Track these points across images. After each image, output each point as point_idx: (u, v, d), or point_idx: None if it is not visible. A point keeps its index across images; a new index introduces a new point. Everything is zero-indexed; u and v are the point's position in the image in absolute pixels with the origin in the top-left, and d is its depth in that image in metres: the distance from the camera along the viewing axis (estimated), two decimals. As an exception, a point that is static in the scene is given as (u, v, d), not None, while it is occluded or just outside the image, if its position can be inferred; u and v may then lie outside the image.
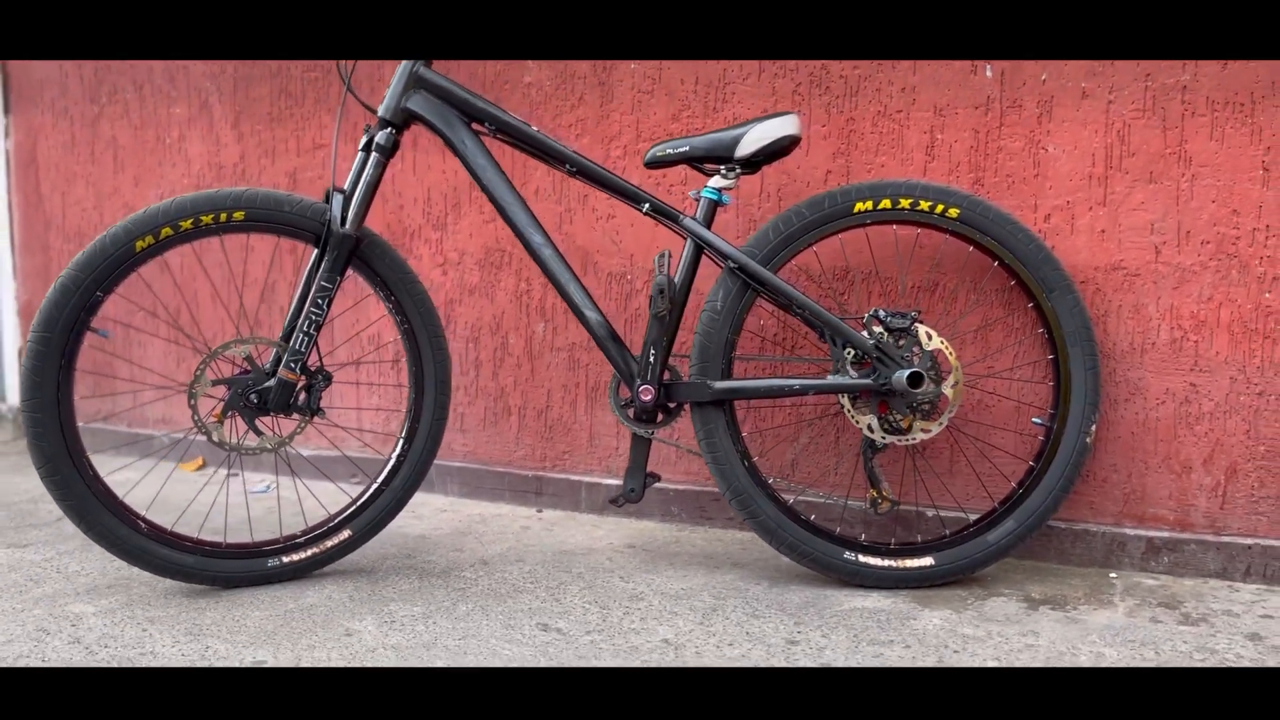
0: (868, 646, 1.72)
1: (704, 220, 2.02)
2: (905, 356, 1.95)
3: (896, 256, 2.18)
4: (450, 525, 2.50)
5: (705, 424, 2.01)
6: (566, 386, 2.59)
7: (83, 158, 3.28)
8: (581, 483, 2.57)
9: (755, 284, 1.99)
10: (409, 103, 2.03)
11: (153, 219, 1.91)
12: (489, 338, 2.67)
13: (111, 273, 1.90)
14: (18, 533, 2.49)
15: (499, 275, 2.64)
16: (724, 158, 2.00)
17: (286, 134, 2.91)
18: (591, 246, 2.51)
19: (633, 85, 2.43)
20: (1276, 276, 1.91)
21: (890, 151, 2.19)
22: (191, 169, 3.08)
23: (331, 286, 2.00)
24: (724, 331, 2.01)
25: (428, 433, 2.17)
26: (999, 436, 2.14)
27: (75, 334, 1.90)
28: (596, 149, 2.49)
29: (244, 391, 1.99)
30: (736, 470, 2.00)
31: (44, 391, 1.88)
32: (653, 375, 2.00)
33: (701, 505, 2.43)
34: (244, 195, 1.96)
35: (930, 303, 2.17)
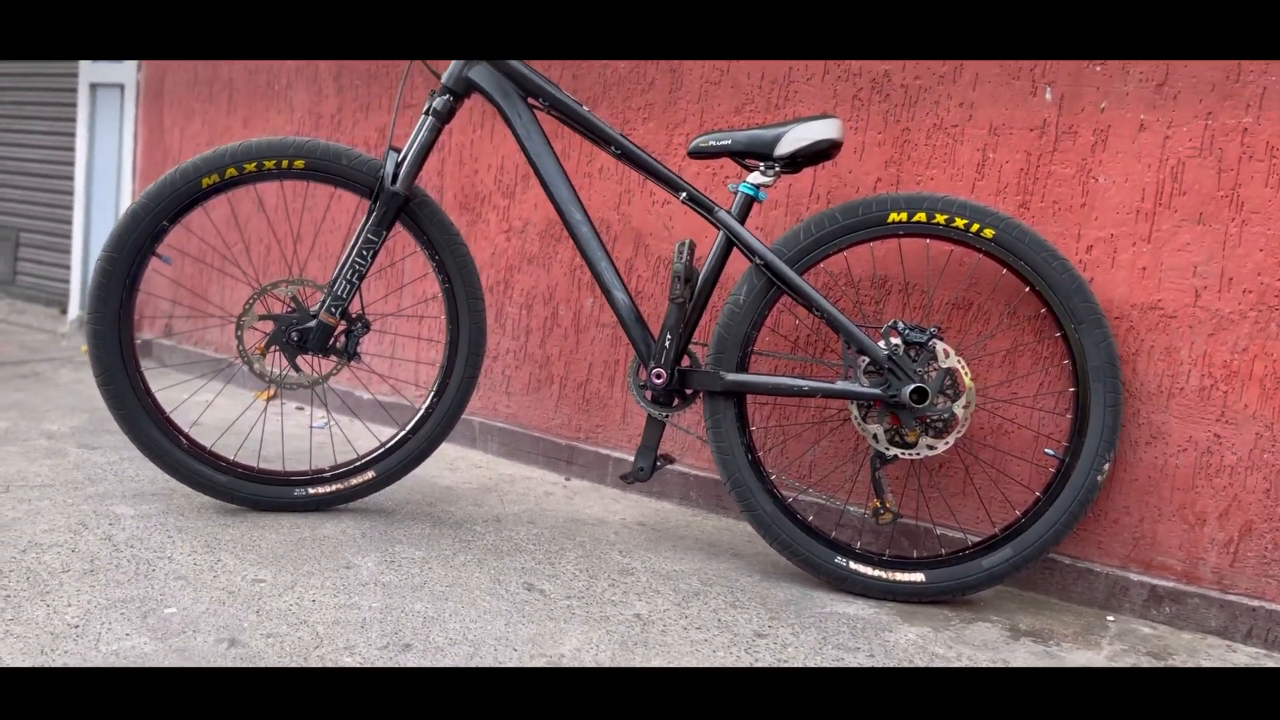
0: (832, 650, 1.74)
1: (738, 214, 2.06)
2: (919, 371, 1.94)
3: (928, 270, 2.17)
4: (479, 481, 2.61)
5: (714, 413, 2.05)
6: (607, 362, 2.65)
7: (202, 96, 3.50)
8: (610, 457, 2.64)
9: (779, 282, 2.02)
10: (470, 73, 2.12)
11: (219, 159, 2.05)
12: (541, 307, 2.76)
13: (178, 205, 2.05)
14: (93, 435, 2.71)
15: (557, 248, 2.72)
16: (764, 155, 2.02)
17: (381, 91, 3.05)
18: (645, 229, 2.57)
19: (701, 75, 2.47)
20: (1319, 335, 1.83)
21: (941, 165, 2.17)
22: (294, 116, 3.26)
23: (377, 240, 2.11)
24: (743, 326, 2.04)
25: (456, 390, 2.26)
26: (1014, 464, 2.11)
27: (140, 257, 2.06)
28: (660, 134, 2.54)
29: (286, 329, 2.12)
30: (739, 462, 2.04)
31: (108, 307, 2.05)
32: (666, 359, 2.05)
33: (719, 494, 2.47)
34: (305, 145, 2.09)
35: (962, 321, 2.15)
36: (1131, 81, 1.96)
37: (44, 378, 3.33)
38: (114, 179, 3.77)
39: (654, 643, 1.71)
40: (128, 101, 3.69)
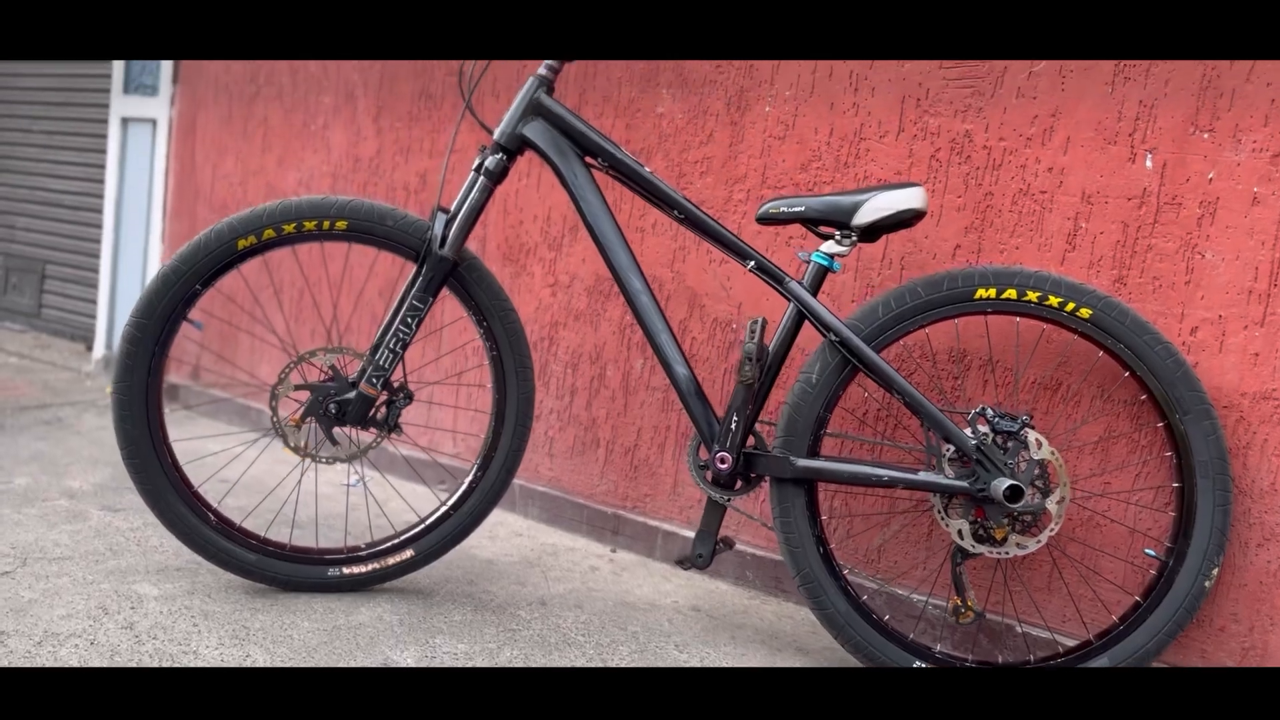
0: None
1: (811, 286, 1.91)
2: (1009, 463, 1.79)
3: (1016, 350, 2.01)
4: (521, 553, 2.46)
5: (782, 501, 1.90)
6: (657, 428, 2.50)
7: (236, 133, 3.39)
8: (659, 529, 2.49)
9: (855, 360, 1.86)
10: (525, 129, 1.99)
11: (257, 220, 1.93)
12: (588, 366, 2.62)
13: (212, 268, 1.92)
14: (115, 494, 2.58)
15: (605, 305, 2.58)
16: (840, 223, 1.88)
17: (422, 134, 2.92)
18: (701, 289, 2.42)
19: (764, 129, 2.33)
20: None
21: (1028, 234, 2.02)
22: (331, 157, 3.14)
23: (423, 307, 1.97)
24: (816, 406, 1.89)
25: (502, 463, 2.12)
26: (1106, 562, 1.94)
27: (171, 323, 1.93)
28: (720, 189, 2.39)
29: (324, 399, 1.99)
30: (809, 555, 1.88)
31: (135, 376, 1.92)
32: (733, 443, 1.90)
33: (778, 576, 2.31)
34: (348, 205, 1.96)
35: (1050, 403, 2.00)
36: (1244, 151, 1.80)
37: (67, 424, 3.21)
38: (143, 215, 3.66)
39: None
40: (159, 137, 3.58)
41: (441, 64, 2.87)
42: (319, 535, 2.36)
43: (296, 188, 3.22)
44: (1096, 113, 1.94)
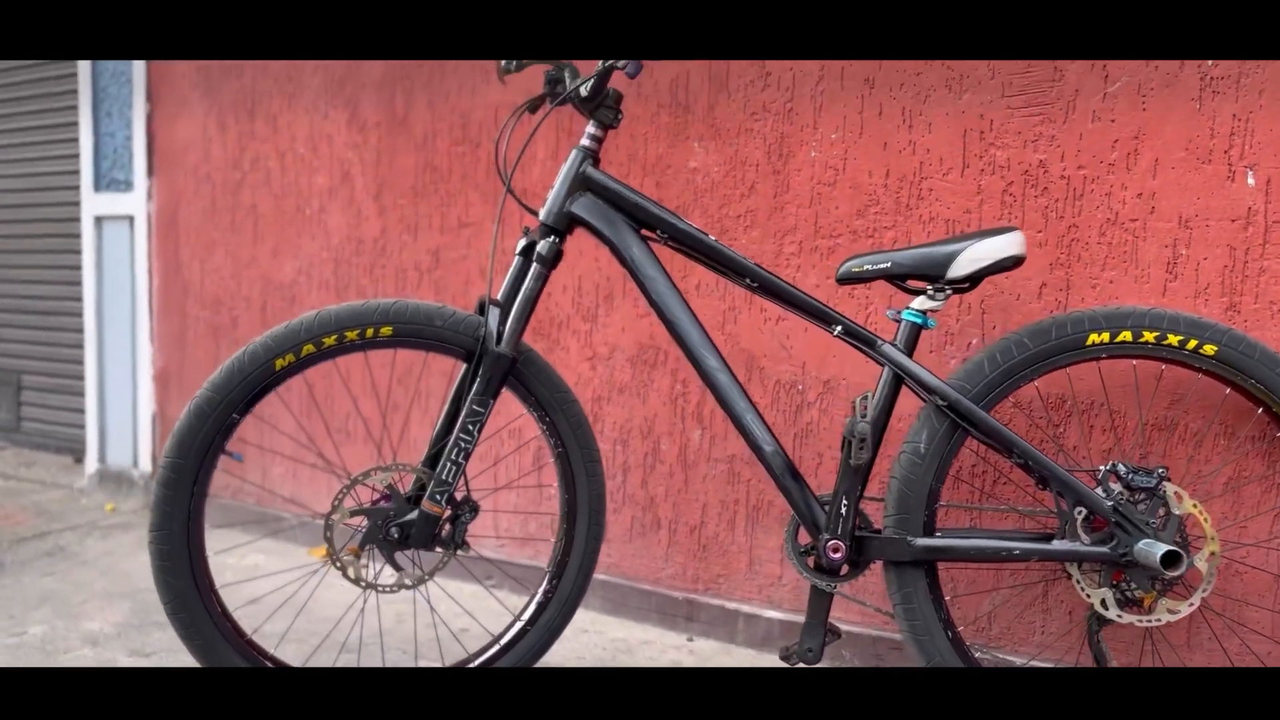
0: None
1: (905, 346, 1.75)
2: (1150, 522, 1.64)
3: (1137, 396, 1.86)
4: (593, 653, 2.27)
5: (902, 587, 1.73)
6: (724, 502, 2.34)
7: (223, 225, 3.19)
8: (739, 612, 2.32)
9: (965, 424, 1.71)
10: (573, 206, 1.83)
11: (294, 335, 1.74)
12: (639, 441, 2.44)
13: (249, 394, 1.74)
14: (141, 633, 2.36)
15: (652, 374, 2.41)
16: (933, 276, 1.73)
17: (430, 209, 2.75)
18: (758, 350, 2.27)
19: (811, 176, 2.18)
20: None
21: (1121, 266, 1.88)
22: (330, 241, 2.95)
23: (484, 410, 1.79)
24: (927, 479, 1.73)
25: (579, 567, 1.95)
26: (1250, 613, 1.80)
27: (209, 460, 1.74)
28: (768, 243, 2.24)
29: (383, 523, 1.80)
30: (939, 643, 1.72)
31: (174, 522, 1.72)
32: (844, 530, 1.74)
33: (878, 653, 2.15)
34: (392, 309, 1.78)
35: (1168, 445, 1.85)
36: (1357, 160, 1.68)
37: (71, 554, 2.98)
38: (127, 317, 3.45)
39: None
40: (138, 234, 3.38)
41: (445, 135, 2.70)
42: (384, 663, 2.16)
43: (295, 277, 3.03)
44: (1185, 131, 1.82)
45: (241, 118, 3.11)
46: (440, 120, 2.71)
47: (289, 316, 3.06)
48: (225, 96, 3.15)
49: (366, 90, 2.84)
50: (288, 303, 3.06)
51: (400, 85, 2.77)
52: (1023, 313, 1.98)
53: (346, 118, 2.88)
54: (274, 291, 3.09)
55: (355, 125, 2.87)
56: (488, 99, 2.62)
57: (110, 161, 3.46)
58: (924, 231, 2.07)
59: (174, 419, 3.34)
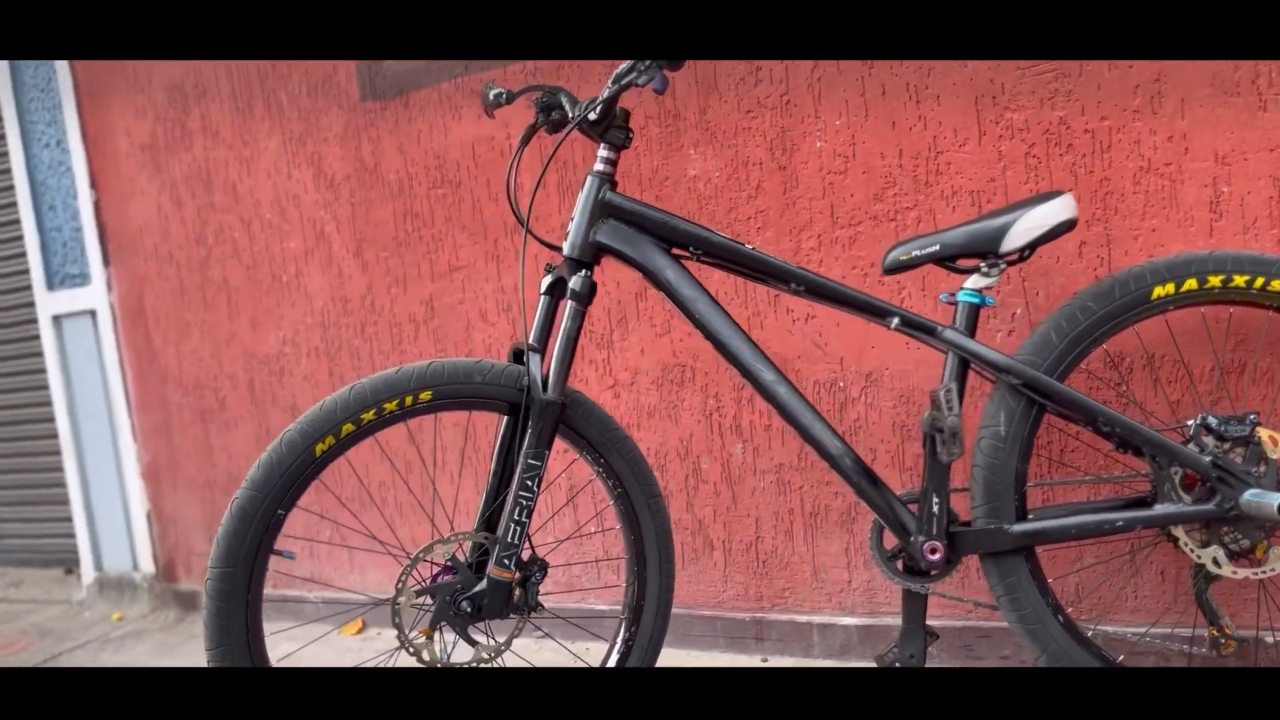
0: None
1: (966, 328, 1.69)
2: (1252, 472, 1.58)
3: (1205, 342, 1.81)
4: (671, 692, 2.17)
5: (1004, 577, 1.66)
6: (778, 514, 2.25)
7: (194, 304, 3.04)
8: (811, 624, 2.23)
9: (1044, 399, 1.64)
10: (598, 236, 1.73)
11: (330, 417, 1.62)
12: (677, 464, 2.35)
13: (291, 486, 1.61)
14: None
15: (682, 393, 2.32)
16: (986, 252, 1.66)
17: (417, 258, 2.63)
18: (790, 353, 2.19)
19: (820, 166, 2.11)
20: None
21: (1162, 213, 1.83)
22: (314, 306, 2.82)
23: (540, 464, 1.69)
24: (1012, 461, 1.66)
25: (655, 609, 1.85)
26: (1352, 541, 1.75)
27: (260, 562, 1.61)
28: (784, 241, 2.17)
29: (453, 598, 1.69)
30: (1050, 629, 1.65)
31: (232, 635, 1.60)
32: (939, 529, 1.66)
33: (967, 643, 2.08)
34: (428, 372, 1.67)
35: (1238, 387, 1.81)
36: (1392, 71, 1.64)
37: (88, 673, 2.81)
38: (104, 416, 3.28)
39: None
40: (103, 328, 3.21)
41: (421, 179, 2.59)
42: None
43: (281, 347, 2.89)
44: (1208, 65, 1.77)
45: (198, 191, 2.97)
46: (414, 164, 2.60)
47: (279, 391, 2.92)
48: (176, 171, 3.00)
49: (329, 144, 2.72)
50: (276, 376, 2.92)
51: (366, 134, 2.65)
52: (1065, 275, 1.92)
53: (312, 175, 2.76)
54: (259, 366, 2.95)
55: (323, 181, 2.74)
56: (462, 136, 2.52)
57: (61, 257, 3.29)
58: (948, 207, 2.01)
59: (170, 514, 3.19)
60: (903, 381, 2.09)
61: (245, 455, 3.03)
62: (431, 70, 2.54)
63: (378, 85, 2.62)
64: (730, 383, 2.26)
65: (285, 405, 2.93)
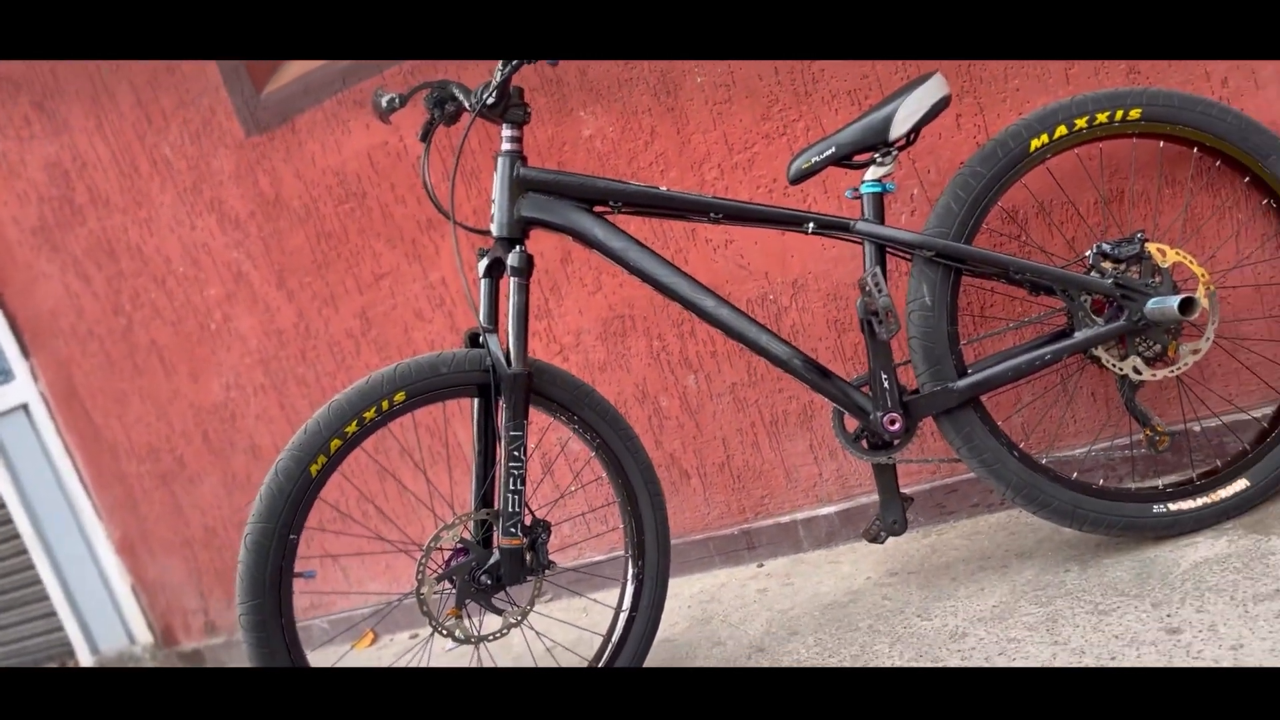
0: (1259, 606, 1.54)
1: (875, 217, 1.83)
2: (1149, 283, 1.76)
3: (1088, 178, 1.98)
4: (685, 616, 2.32)
5: (960, 429, 1.83)
6: (741, 430, 2.39)
7: (126, 373, 3.05)
8: (795, 521, 2.39)
9: (957, 263, 1.80)
10: (522, 210, 1.82)
11: (316, 437, 1.70)
12: (637, 408, 2.48)
13: (296, 509, 1.70)
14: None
15: (626, 342, 2.44)
16: (877, 144, 1.80)
17: (340, 275, 2.69)
18: (718, 279, 2.31)
19: (706, 99, 2.22)
20: None
21: (1021, 71, 1.99)
22: (249, 345, 2.86)
23: (522, 433, 1.79)
24: (942, 325, 1.81)
25: (656, 539, 1.98)
26: (1246, 327, 1.96)
27: (284, 589, 1.70)
28: (688, 177, 2.28)
29: (472, 576, 1.79)
30: (1010, 466, 1.82)
31: (275, 659, 1.68)
32: (894, 401, 1.82)
33: (938, 501, 2.25)
34: (397, 374, 1.76)
35: (1122, 212, 1.99)
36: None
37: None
38: (62, 504, 3.27)
39: (1102, 700, 1.48)
40: (39, 418, 3.20)
41: (326, 198, 2.64)
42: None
43: (226, 394, 2.93)
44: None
45: (103, 262, 2.97)
46: (315, 186, 2.64)
47: (235, 435, 2.96)
48: (75, 248, 2.99)
49: (225, 185, 2.74)
50: (228, 421, 2.96)
51: (260, 167, 2.69)
52: (950, 148, 2.08)
53: (216, 220, 2.78)
54: (209, 416, 2.98)
55: (229, 223, 2.77)
56: (355, 148, 2.57)
57: (-22, 359, 3.25)
58: (831, 110, 2.14)
59: (154, 581, 3.22)
60: (826, 281, 2.23)
61: (217, 506, 3.07)
62: (310, 90, 2.58)
63: (260, 117, 2.65)
64: (670, 320, 2.38)
65: (245, 448, 2.97)
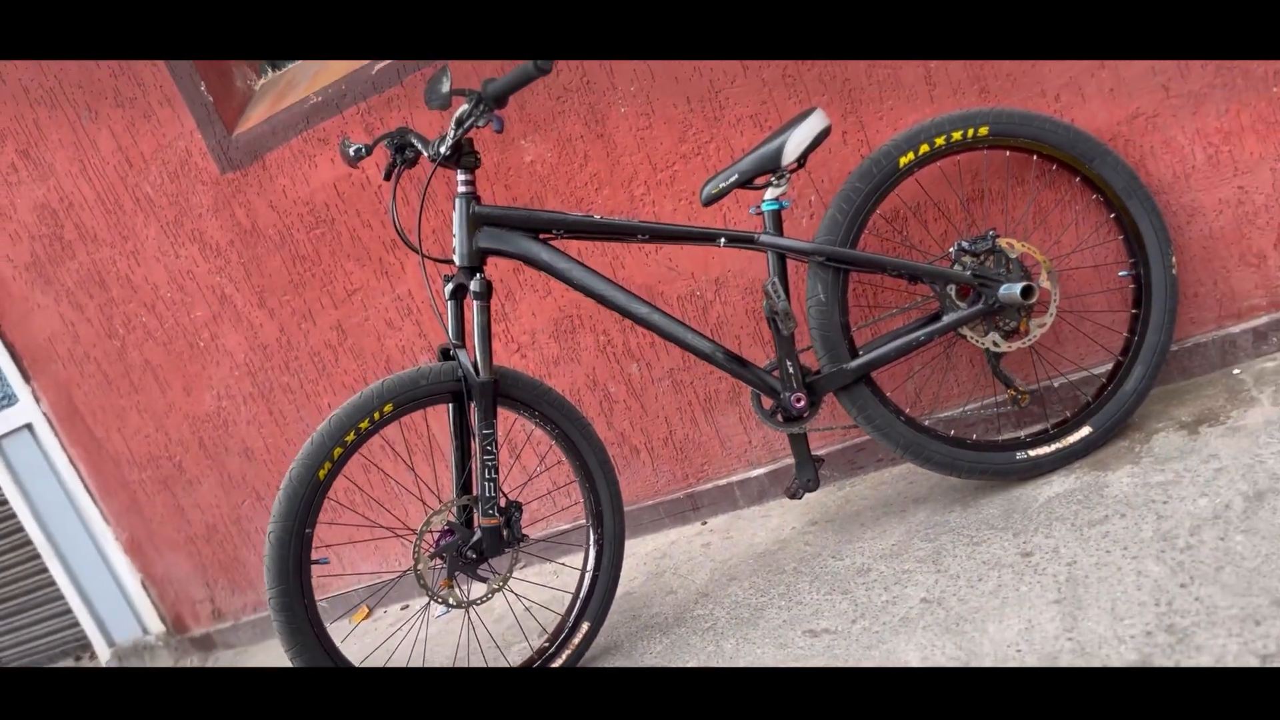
0: (1091, 530, 1.95)
1: (774, 230, 2.19)
2: (1001, 272, 2.14)
3: (949, 186, 2.36)
4: (641, 571, 2.70)
5: (855, 401, 2.21)
6: (680, 408, 2.76)
7: (124, 390, 3.35)
8: (731, 483, 2.77)
9: (845, 265, 2.17)
10: (480, 242, 2.16)
11: (321, 447, 2.04)
12: (589, 394, 2.83)
13: (309, 508, 2.03)
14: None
15: (576, 338, 2.79)
16: (773, 168, 2.15)
17: (316, 293, 3.01)
18: (651, 280, 2.67)
19: (630, 126, 2.56)
20: (1275, 71, 2.12)
21: (894, 94, 2.35)
22: (237, 359, 3.17)
23: (493, 430, 2.14)
24: (835, 317, 2.19)
25: (612, 508, 2.35)
26: (1089, 300, 2.35)
27: (304, 574, 2.04)
28: (619, 194, 2.63)
29: (459, 552, 2.15)
30: (898, 429, 2.20)
31: (304, 636, 2.03)
32: (798, 383, 2.19)
33: (849, 458, 2.64)
34: (384, 389, 2.09)
35: (982, 210, 2.36)
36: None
37: None
38: (73, 515, 3.57)
39: (967, 614, 1.87)
40: (43, 436, 3.49)
41: (298, 225, 2.95)
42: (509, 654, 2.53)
43: (218, 403, 3.24)
44: (894, -23, 2.27)
45: (94, 291, 3.25)
46: (288, 215, 2.95)
47: (229, 441, 3.28)
48: (67, 280, 3.27)
49: (205, 218, 3.04)
50: (222, 428, 3.28)
51: (236, 200, 2.98)
52: (839, 160, 2.44)
53: (198, 249, 3.08)
54: (203, 424, 3.30)
55: (210, 252, 3.07)
56: (322, 180, 2.88)
57: (-19, 386, 3.53)
58: (737, 133, 2.49)
59: (162, 576, 3.54)
60: (743, 277, 2.59)
61: (216, 505, 3.39)
62: (277, 130, 2.88)
63: (233, 156, 2.95)
64: (613, 318, 2.73)
65: (239, 451, 3.29)
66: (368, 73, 2.73)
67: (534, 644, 2.43)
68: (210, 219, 3.04)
